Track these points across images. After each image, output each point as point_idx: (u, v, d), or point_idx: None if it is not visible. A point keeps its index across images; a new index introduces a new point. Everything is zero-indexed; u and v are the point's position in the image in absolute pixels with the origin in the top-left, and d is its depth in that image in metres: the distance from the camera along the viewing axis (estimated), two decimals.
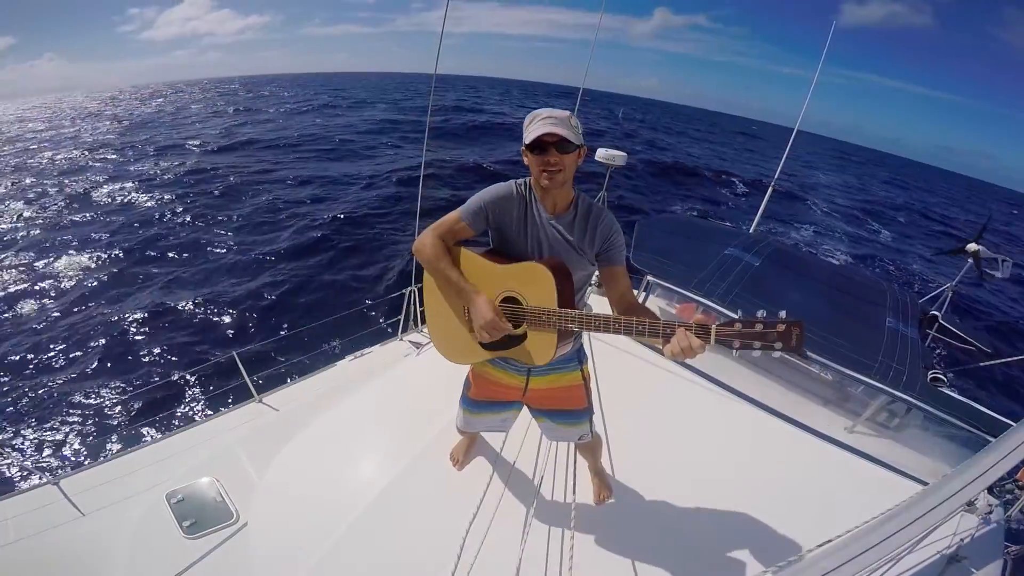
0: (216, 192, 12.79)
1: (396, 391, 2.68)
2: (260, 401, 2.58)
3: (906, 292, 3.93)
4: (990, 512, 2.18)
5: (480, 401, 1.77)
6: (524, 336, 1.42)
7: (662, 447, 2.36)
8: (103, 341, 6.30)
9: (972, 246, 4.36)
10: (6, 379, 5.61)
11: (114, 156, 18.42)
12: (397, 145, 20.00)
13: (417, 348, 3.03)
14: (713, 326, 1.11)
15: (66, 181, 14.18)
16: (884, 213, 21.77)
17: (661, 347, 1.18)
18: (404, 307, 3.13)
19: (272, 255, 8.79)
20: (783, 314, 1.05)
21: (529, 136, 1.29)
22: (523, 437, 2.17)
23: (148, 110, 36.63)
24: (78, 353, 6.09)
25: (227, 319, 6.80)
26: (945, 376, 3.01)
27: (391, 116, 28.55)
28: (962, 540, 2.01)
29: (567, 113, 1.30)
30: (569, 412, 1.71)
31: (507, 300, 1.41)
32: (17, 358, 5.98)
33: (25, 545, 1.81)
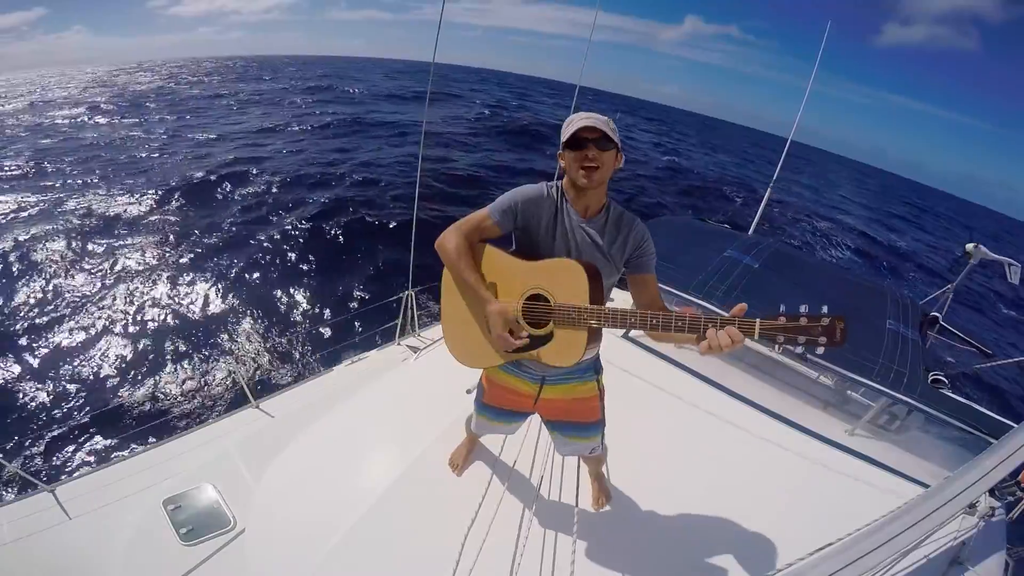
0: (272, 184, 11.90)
1: (394, 396, 2.66)
2: (257, 406, 2.56)
3: (906, 293, 3.93)
4: (991, 514, 2.17)
5: (494, 407, 1.74)
6: (550, 336, 1.35)
7: (661, 451, 2.35)
8: (101, 345, 6.28)
9: (970, 246, 4.31)
10: (5, 382, 5.60)
11: (139, 134, 18.14)
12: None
13: (415, 352, 3.02)
14: (758, 320, 1.10)
15: (86, 166, 13.83)
16: (896, 230, 21.92)
17: (696, 344, 1.16)
18: (402, 311, 3.12)
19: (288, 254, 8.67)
20: (825, 309, 1.06)
21: (567, 133, 1.29)
22: (522, 441, 2.16)
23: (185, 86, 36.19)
24: (77, 356, 6.07)
25: (225, 321, 6.79)
26: (946, 378, 3.00)
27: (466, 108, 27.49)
28: (963, 542, 2.00)
29: (606, 117, 1.31)
30: (582, 425, 1.68)
31: (534, 297, 1.36)
32: (14, 362, 5.96)
33: (20, 552, 1.79)
